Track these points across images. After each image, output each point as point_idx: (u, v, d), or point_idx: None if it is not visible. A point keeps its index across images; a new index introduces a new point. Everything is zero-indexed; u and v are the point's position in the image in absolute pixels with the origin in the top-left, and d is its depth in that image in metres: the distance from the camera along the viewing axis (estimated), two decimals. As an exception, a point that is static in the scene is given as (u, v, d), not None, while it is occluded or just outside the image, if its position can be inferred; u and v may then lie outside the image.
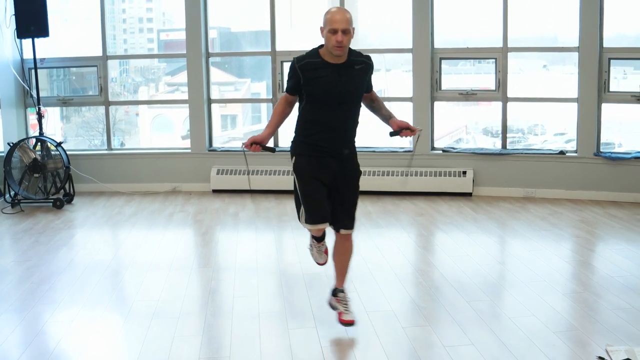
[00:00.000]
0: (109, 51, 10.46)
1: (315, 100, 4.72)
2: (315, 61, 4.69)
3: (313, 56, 4.73)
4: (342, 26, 4.53)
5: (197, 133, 10.30)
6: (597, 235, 7.74)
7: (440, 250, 7.39)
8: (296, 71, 4.70)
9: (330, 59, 4.67)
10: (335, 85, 4.66)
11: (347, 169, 4.88)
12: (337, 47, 4.56)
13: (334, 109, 4.71)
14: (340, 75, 4.67)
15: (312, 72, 4.67)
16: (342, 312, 5.03)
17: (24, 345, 4.85)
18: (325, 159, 4.78)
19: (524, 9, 9.59)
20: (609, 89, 9.23)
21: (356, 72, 4.74)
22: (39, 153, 9.42)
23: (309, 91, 4.71)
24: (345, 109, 4.75)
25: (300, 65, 4.69)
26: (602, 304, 5.48)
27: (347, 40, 4.57)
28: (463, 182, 9.57)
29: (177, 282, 6.22)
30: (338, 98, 4.68)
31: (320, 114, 4.74)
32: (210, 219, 8.64)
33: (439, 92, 9.85)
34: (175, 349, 4.75)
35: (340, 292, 5.12)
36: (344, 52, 4.63)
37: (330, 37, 4.56)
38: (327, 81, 4.66)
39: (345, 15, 4.59)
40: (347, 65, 4.70)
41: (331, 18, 4.57)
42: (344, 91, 4.70)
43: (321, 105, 4.72)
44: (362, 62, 4.78)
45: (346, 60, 4.70)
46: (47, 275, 6.41)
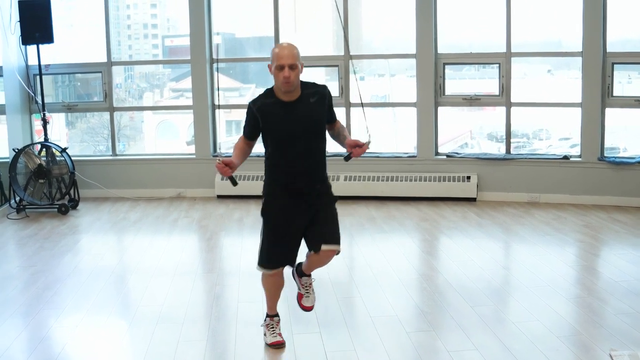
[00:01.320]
0: (113, 57, 10.49)
1: (277, 140, 4.62)
2: (270, 101, 4.58)
3: (267, 96, 4.62)
4: (289, 61, 4.42)
5: (202, 139, 10.32)
6: (601, 240, 7.74)
7: (445, 255, 7.40)
8: (254, 114, 4.59)
9: (284, 97, 4.55)
10: (294, 123, 4.54)
11: (321, 198, 4.73)
12: (285, 84, 4.45)
13: (297, 147, 4.58)
14: (296, 111, 4.56)
15: (269, 114, 4.56)
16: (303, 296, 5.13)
17: (29, 350, 4.87)
18: (297, 198, 4.66)
19: (527, 14, 9.60)
20: (612, 94, 9.23)
21: (312, 105, 4.60)
22: (44, 159, 9.45)
23: (269, 132, 4.61)
24: (309, 145, 4.62)
25: (257, 108, 4.58)
26: (606, 308, 5.48)
27: (294, 75, 4.45)
28: (467, 187, 9.57)
29: (182, 287, 6.23)
30: (299, 135, 4.56)
31: (284, 154, 4.63)
32: (215, 225, 8.66)
33: (443, 98, 9.85)
34: (179, 354, 4.76)
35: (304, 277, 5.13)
36: (293, 88, 4.51)
37: (278, 73, 4.44)
38: (285, 120, 4.55)
39: (292, 50, 4.49)
40: (302, 100, 4.59)
41: (278, 54, 4.46)
42: (304, 127, 4.57)
43: (284, 145, 4.61)
44: (317, 93, 4.63)
45: (300, 95, 4.59)
46: (52, 281, 6.43)
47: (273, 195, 4.76)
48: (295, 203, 4.66)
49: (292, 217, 4.68)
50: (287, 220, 4.68)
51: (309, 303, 5.07)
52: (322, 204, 4.73)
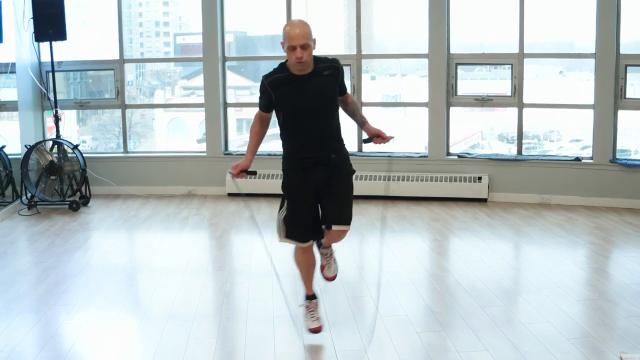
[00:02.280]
0: (125, 54, 10.51)
1: (290, 114, 4.70)
2: (283, 76, 4.66)
3: (280, 71, 4.69)
4: (300, 42, 4.47)
5: (213, 137, 10.33)
6: (612, 242, 7.71)
7: (455, 255, 7.38)
8: (266, 88, 4.69)
9: (297, 72, 4.62)
10: (307, 96, 4.62)
11: (337, 169, 4.81)
12: (298, 63, 4.53)
13: (310, 119, 4.67)
14: (309, 85, 4.63)
15: (281, 87, 4.64)
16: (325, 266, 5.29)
17: (39, 347, 4.89)
18: (313, 169, 4.75)
19: (540, 15, 9.57)
20: (625, 96, 9.20)
21: (325, 78, 4.69)
22: (56, 155, 9.48)
23: (283, 106, 4.69)
24: (322, 117, 4.71)
25: (269, 82, 4.67)
26: (617, 311, 5.47)
27: (307, 55, 4.51)
28: (478, 188, 9.56)
29: (192, 285, 6.24)
30: (311, 108, 4.65)
31: (297, 126, 4.72)
32: (226, 223, 8.67)
33: (455, 98, 9.84)
34: (189, 352, 4.77)
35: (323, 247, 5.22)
36: (306, 66, 4.59)
37: (290, 53, 4.51)
38: (297, 94, 4.62)
39: (304, 29, 4.51)
40: (315, 74, 4.66)
41: (288, 34, 4.50)
42: (316, 100, 4.65)
43: (296, 118, 4.69)
44: (330, 67, 4.73)
45: (313, 68, 4.65)
46: (63, 277, 6.45)
47: (291, 169, 4.85)
48: (312, 173, 4.76)
49: (311, 191, 4.78)
50: (307, 195, 4.78)
51: (331, 273, 5.23)
52: (339, 176, 4.82)
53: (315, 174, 4.75)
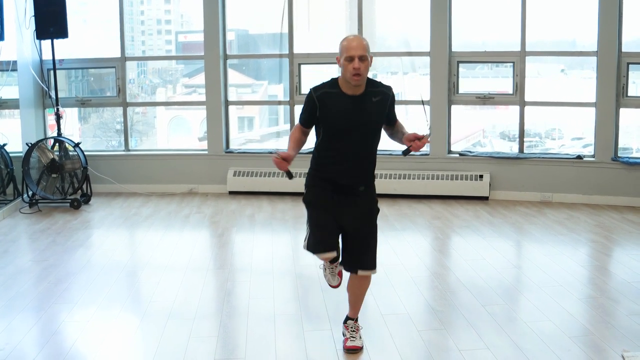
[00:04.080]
0: (127, 52, 10.51)
1: (331, 132, 4.53)
2: (333, 92, 4.50)
3: (331, 86, 4.53)
4: (359, 52, 4.33)
5: (214, 135, 10.33)
6: (614, 240, 7.70)
7: (456, 253, 7.38)
8: (313, 101, 4.51)
9: (348, 90, 4.47)
10: (353, 117, 4.46)
11: (363, 206, 4.67)
12: (355, 76, 4.35)
13: (350, 143, 4.50)
14: (358, 107, 4.47)
15: (329, 103, 4.47)
16: (348, 339, 4.85)
17: (40, 345, 4.89)
18: (340, 196, 4.61)
19: (542, 13, 9.56)
20: (627, 94, 9.19)
21: (374, 104, 4.51)
22: (57, 153, 9.48)
23: (326, 122, 4.52)
24: (362, 142, 4.54)
25: (317, 95, 4.50)
26: (618, 309, 5.46)
27: (364, 67, 4.35)
28: (480, 186, 9.55)
29: (193, 283, 6.24)
30: (355, 130, 4.48)
31: (335, 147, 4.55)
32: (227, 221, 8.66)
33: (457, 96, 9.83)
34: (190, 350, 4.77)
35: (349, 320, 4.94)
36: (362, 81, 4.43)
37: (347, 65, 4.35)
38: (345, 113, 4.46)
39: (362, 42, 4.40)
40: (365, 97, 4.49)
41: (347, 45, 4.38)
42: (362, 123, 4.49)
43: (337, 138, 4.52)
44: (381, 93, 4.53)
45: (364, 91, 4.49)
46: (64, 275, 6.45)
47: (315, 185, 4.69)
48: (336, 198, 4.61)
49: (332, 204, 4.61)
50: (330, 210, 4.61)
51: (355, 343, 4.84)
52: (361, 212, 4.66)
53: (339, 198, 4.61)
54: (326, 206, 4.62)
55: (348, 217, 4.62)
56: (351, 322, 4.93)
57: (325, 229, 4.63)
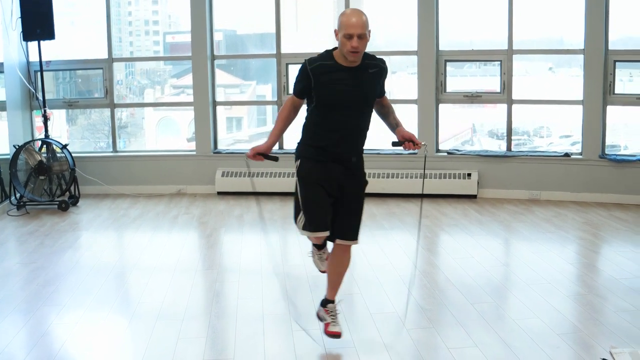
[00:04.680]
0: (114, 54, 10.49)
1: (326, 104, 4.51)
2: (328, 64, 4.48)
3: (326, 58, 4.51)
4: (358, 31, 4.31)
5: (202, 135, 10.32)
6: (601, 237, 7.73)
7: (445, 252, 7.39)
8: (307, 74, 4.47)
9: (344, 62, 4.46)
10: (348, 89, 4.46)
11: (354, 177, 4.68)
12: (353, 53, 4.36)
13: (345, 114, 4.51)
14: (353, 79, 4.47)
15: (325, 76, 4.45)
16: (329, 323, 4.85)
17: (28, 347, 4.87)
18: (332, 165, 4.58)
19: (529, 11, 9.59)
20: (614, 92, 9.23)
21: (370, 75, 4.54)
22: (45, 155, 9.45)
23: (320, 95, 4.49)
24: (357, 113, 4.56)
25: (312, 68, 4.47)
26: (606, 306, 5.48)
27: (363, 45, 4.36)
28: (468, 184, 9.57)
29: (182, 284, 6.23)
30: (350, 102, 4.48)
31: (330, 118, 4.54)
32: (215, 221, 8.66)
33: (444, 94, 9.85)
34: (179, 351, 4.76)
35: (329, 304, 4.93)
36: (359, 58, 4.45)
37: (345, 42, 4.34)
38: (340, 85, 4.45)
39: (362, 18, 4.37)
40: (361, 69, 4.49)
41: (346, 22, 4.35)
42: (357, 95, 4.49)
43: (332, 109, 4.51)
44: (376, 66, 4.57)
45: (360, 63, 4.50)
46: (52, 277, 6.43)
47: (308, 155, 4.65)
48: (328, 168, 4.59)
49: (327, 182, 4.60)
50: (323, 185, 4.60)
51: (337, 329, 4.86)
52: (352, 185, 4.68)
53: (333, 170, 4.59)
54: (320, 181, 4.60)
55: (338, 187, 4.63)
56: (331, 306, 4.92)
57: (320, 207, 4.63)
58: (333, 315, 4.90)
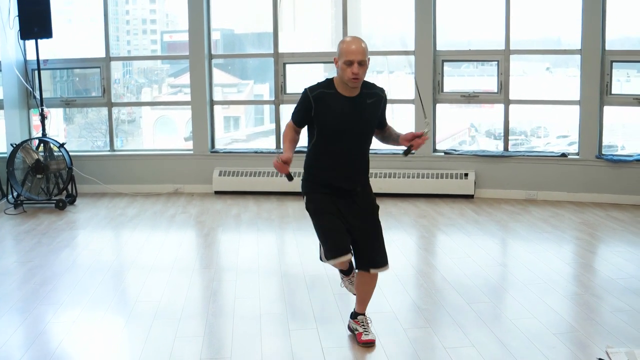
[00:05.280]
0: (112, 52, 10.48)
1: (326, 133, 4.54)
2: (329, 92, 4.50)
3: (326, 87, 4.53)
4: (359, 57, 4.34)
5: (200, 134, 10.32)
6: (598, 237, 7.74)
7: (442, 252, 7.40)
8: (309, 101, 4.50)
9: (344, 92, 4.49)
10: (348, 119, 4.48)
11: (361, 203, 4.69)
12: (354, 80, 4.38)
13: (345, 143, 4.52)
14: (353, 108, 4.49)
15: (325, 104, 4.48)
16: (362, 333, 4.86)
17: (26, 346, 4.86)
18: (337, 198, 4.62)
19: (526, 12, 9.60)
20: (611, 92, 9.24)
21: (369, 105, 4.55)
22: (42, 154, 9.44)
23: (320, 123, 4.52)
24: (356, 143, 4.58)
25: (314, 95, 4.49)
26: (602, 306, 5.49)
27: (363, 71, 4.39)
28: (465, 184, 9.58)
29: (179, 283, 6.23)
30: (349, 132, 4.51)
31: (330, 149, 4.56)
32: (212, 221, 8.66)
33: (441, 94, 9.86)
34: (176, 350, 4.76)
35: (360, 316, 4.96)
36: (359, 84, 4.47)
37: (346, 68, 4.37)
38: (340, 114, 4.47)
39: (361, 45, 4.39)
40: (360, 98, 4.52)
41: (347, 49, 4.37)
42: (356, 125, 4.51)
43: (332, 140, 4.53)
44: (375, 95, 4.58)
45: (359, 93, 4.52)
46: (49, 276, 6.42)
47: (314, 191, 4.68)
48: (338, 199, 4.62)
49: (334, 208, 4.61)
50: (331, 209, 4.61)
51: (370, 337, 4.85)
52: (362, 210, 4.68)
53: (340, 202, 4.61)
54: (331, 210, 4.62)
55: (351, 218, 4.64)
56: (362, 317, 4.95)
57: (338, 232, 4.61)
58: (365, 326, 4.91)
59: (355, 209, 4.66)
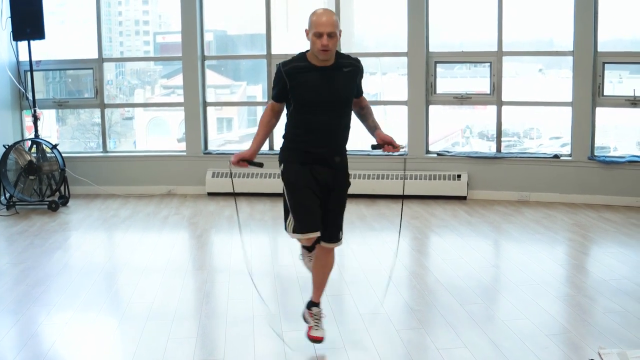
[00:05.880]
0: (105, 54, 10.47)
1: (303, 105, 4.54)
2: (302, 65, 4.51)
3: (299, 60, 4.54)
4: (328, 29, 4.34)
5: (193, 136, 10.31)
6: (590, 238, 7.76)
7: (435, 253, 7.41)
8: (282, 76, 4.50)
9: (317, 63, 4.49)
10: (324, 89, 4.49)
11: (338, 178, 4.69)
12: (323, 51, 4.38)
13: (323, 114, 4.52)
14: (328, 78, 4.50)
15: (299, 77, 4.48)
16: (312, 327, 4.85)
17: (18, 347, 4.86)
18: (316, 167, 4.61)
19: (519, 13, 9.62)
20: (603, 93, 9.26)
21: (345, 75, 4.56)
22: (35, 155, 9.43)
23: (297, 96, 4.53)
24: (335, 113, 4.57)
25: (286, 70, 4.49)
26: (595, 307, 5.50)
27: (333, 43, 4.38)
28: (458, 186, 9.59)
29: (172, 284, 6.22)
30: (327, 102, 4.51)
31: (309, 119, 4.56)
32: (205, 222, 8.65)
33: (434, 96, 9.87)
34: (169, 351, 4.76)
35: (314, 307, 4.93)
36: (330, 56, 4.46)
37: (316, 40, 4.38)
38: (315, 85, 4.48)
39: (331, 17, 4.40)
40: (335, 68, 4.52)
41: (316, 21, 4.38)
42: (333, 95, 4.52)
43: (310, 110, 4.54)
44: (351, 65, 4.60)
45: (334, 63, 4.53)
46: (42, 278, 6.41)
47: (291, 159, 4.69)
48: (313, 170, 4.61)
49: (313, 183, 4.61)
50: (310, 185, 4.61)
51: (319, 334, 4.84)
52: (336, 186, 4.69)
53: (316, 172, 4.61)
54: (307, 182, 4.61)
55: (325, 189, 4.65)
56: (316, 309, 4.91)
57: (309, 208, 4.62)
58: (317, 319, 4.89)
59: (331, 181, 4.65)
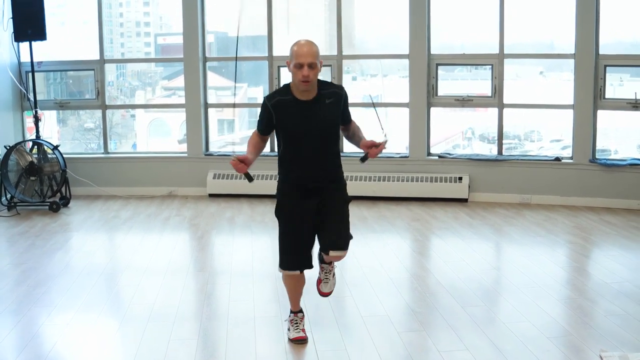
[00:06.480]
0: (106, 55, 10.47)
1: (290, 138, 4.60)
2: (286, 99, 4.55)
3: (283, 93, 4.59)
4: (308, 60, 4.38)
5: (194, 137, 10.31)
6: (591, 241, 7.76)
7: (436, 255, 7.41)
8: (268, 110, 4.57)
9: (300, 96, 4.53)
10: (307, 123, 4.53)
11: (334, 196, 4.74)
12: (304, 82, 4.42)
13: (310, 146, 4.57)
14: (312, 111, 4.54)
15: (284, 110, 4.54)
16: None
17: (19, 348, 4.85)
18: (309, 195, 4.67)
19: (520, 16, 9.61)
20: (604, 96, 9.26)
21: (327, 106, 4.58)
22: (36, 156, 9.42)
23: (283, 130, 4.59)
24: (322, 144, 4.62)
25: (272, 104, 4.55)
26: (596, 310, 5.50)
27: (314, 74, 4.42)
28: (459, 188, 9.59)
29: (173, 286, 6.22)
30: (312, 135, 4.56)
31: (297, 153, 4.62)
32: (206, 223, 8.65)
33: (435, 98, 9.86)
34: (170, 353, 4.76)
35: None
36: (311, 87, 4.50)
37: (297, 72, 4.41)
38: (300, 119, 4.53)
39: (312, 48, 4.44)
40: (318, 101, 4.56)
41: (297, 51, 4.42)
42: (318, 127, 4.56)
43: (296, 143, 4.60)
44: (333, 95, 4.61)
45: (316, 94, 4.56)
46: (43, 279, 6.41)
47: (285, 194, 4.76)
48: (307, 202, 4.67)
49: (305, 217, 4.68)
50: (300, 221, 4.69)
51: (327, 289, 5.09)
52: (334, 203, 4.73)
53: (311, 200, 4.67)
54: (299, 214, 4.70)
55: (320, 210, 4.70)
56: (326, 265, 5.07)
57: (296, 250, 4.76)
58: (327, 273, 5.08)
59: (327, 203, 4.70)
